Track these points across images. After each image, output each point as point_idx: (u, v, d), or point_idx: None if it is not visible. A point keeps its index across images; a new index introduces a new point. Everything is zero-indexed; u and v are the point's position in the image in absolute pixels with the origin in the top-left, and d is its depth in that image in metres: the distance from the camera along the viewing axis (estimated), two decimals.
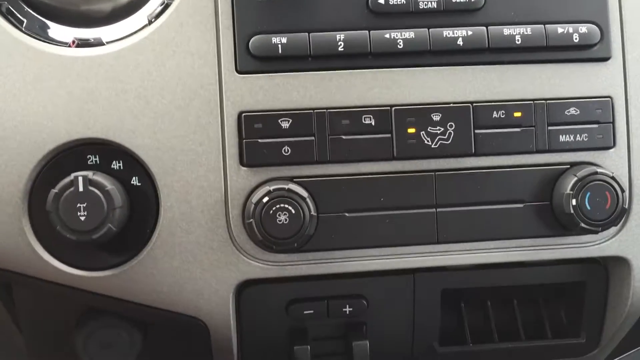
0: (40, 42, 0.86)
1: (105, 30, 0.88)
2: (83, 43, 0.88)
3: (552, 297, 0.98)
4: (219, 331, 0.88)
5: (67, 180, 0.81)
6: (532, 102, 0.88)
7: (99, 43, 0.87)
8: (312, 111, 0.85)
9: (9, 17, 0.87)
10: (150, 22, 0.87)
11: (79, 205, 0.80)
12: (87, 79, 0.84)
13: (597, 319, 0.96)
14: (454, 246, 0.88)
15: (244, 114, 0.85)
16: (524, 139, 0.87)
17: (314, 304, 0.90)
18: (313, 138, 0.85)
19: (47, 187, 0.82)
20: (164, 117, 0.84)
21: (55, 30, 0.89)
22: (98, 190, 0.80)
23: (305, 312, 0.90)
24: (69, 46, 0.87)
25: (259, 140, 0.85)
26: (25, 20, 0.87)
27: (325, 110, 0.85)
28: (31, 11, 0.88)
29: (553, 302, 0.98)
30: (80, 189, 0.80)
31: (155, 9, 0.88)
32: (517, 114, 0.87)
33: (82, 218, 0.80)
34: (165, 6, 0.87)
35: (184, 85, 0.85)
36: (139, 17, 0.88)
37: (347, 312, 0.90)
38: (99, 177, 0.81)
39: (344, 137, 0.85)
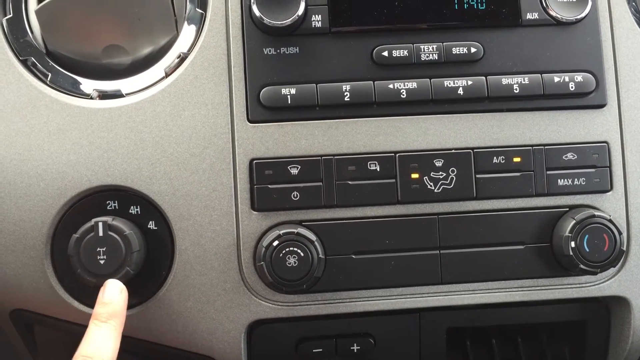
0: (64, 94, 0.91)
1: (124, 83, 0.93)
2: (104, 95, 0.93)
3: (555, 335, 1.00)
4: None
5: (87, 225, 0.85)
6: (530, 147, 0.91)
7: (118, 95, 0.92)
8: (319, 158, 0.89)
9: (35, 70, 0.93)
10: (167, 75, 0.92)
11: (98, 249, 0.84)
12: (108, 129, 0.89)
13: (599, 356, 0.98)
14: (458, 286, 0.91)
15: (255, 161, 0.89)
16: (523, 183, 0.91)
17: (323, 343, 0.93)
18: (321, 183, 0.89)
19: (69, 231, 0.87)
20: (179, 164, 0.89)
21: (78, 83, 0.94)
22: (117, 235, 0.85)
23: (314, 350, 0.93)
24: (91, 98, 0.92)
25: (269, 186, 0.89)
26: (49, 74, 0.92)
27: (332, 157, 0.89)
28: (55, 65, 0.93)
29: (556, 340, 1.01)
30: (100, 233, 0.84)
31: (172, 62, 0.93)
32: (517, 159, 0.91)
33: (102, 262, 0.84)
34: (181, 60, 0.92)
35: (199, 134, 0.89)
36: (157, 70, 0.93)
37: (355, 351, 0.93)
38: (118, 223, 0.85)
39: (350, 182, 0.89)
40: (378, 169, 0.90)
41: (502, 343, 1.00)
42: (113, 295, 0.82)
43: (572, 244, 0.87)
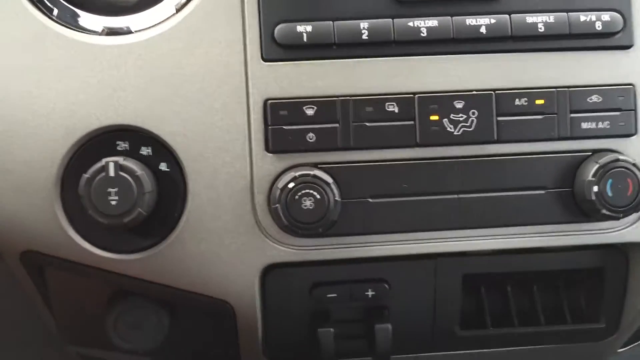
0: (71, 30, 0.88)
1: (133, 19, 0.89)
2: (112, 31, 0.89)
3: (571, 282, 0.99)
4: (245, 313, 0.90)
5: (98, 165, 0.83)
6: (554, 89, 0.88)
7: (127, 31, 0.89)
8: (336, 99, 0.86)
9: (40, 5, 0.89)
10: (177, 11, 0.88)
11: (110, 190, 0.82)
12: (117, 67, 0.86)
13: (616, 304, 0.97)
14: (476, 232, 0.89)
15: (269, 101, 0.86)
16: (546, 126, 0.88)
17: (337, 288, 0.92)
18: (337, 125, 0.86)
19: (79, 172, 0.84)
20: (191, 104, 0.86)
21: (85, 18, 0.90)
22: (128, 176, 0.82)
23: (328, 295, 0.92)
24: (99, 34, 0.89)
25: (284, 127, 0.86)
26: (55, 9, 0.89)
27: (349, 98, 0.87)
28: (61, 0, 0.90)
29: (573, 287, 0.99)
30: (112, 174, 0.82)
31: None
32: (540, 102, 0.88)
33: (113, 202, 0.82)
34: None
35: (211, 73, 0.86)
36: (167, 6, 0.89)
37: (370, 296, 0.92)
38: (129, 163, 0.83)
39: (367, 124, 0.87)
40: (396, 111, 0.87)
41: (517, 290, 0.99)
42: None
43: (595, 188, 0.85)
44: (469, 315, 0.98)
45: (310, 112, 0.86)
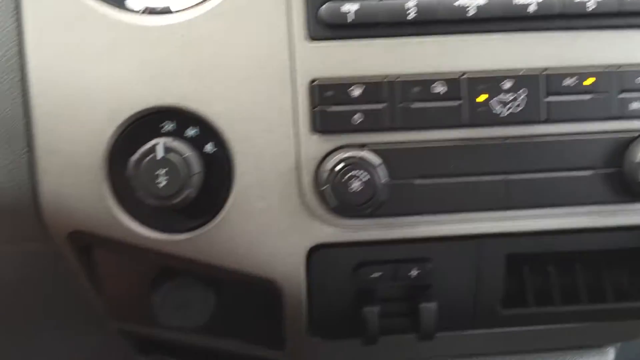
0: (111, 9, 0.87)
1: None
2: (152, 11, 0.88)
3: (614, 260, 0.99)
4: (291, 292, 0.91)
5: (146, 147, 0.83)
6: (604, 68, 0.87)
7: (167, 11, 0.88)
8: (382, 79, 0.86)
9: None
10: None
11: (159, 171, 0.82)
12: (159, 47, 0.85)
13: None
14: (522, 212, 0.89)
15: (315, 82, 0.85)
16: (595, 106, 0.87)
17: (382, 267, 0.92)
18: (384, 105, 0.86)
19: (126, 153, 0.84)
20: (236, 85, 0.85)
21: None
22: (177, 157, 0.82)
23: (372, 275, 0.92)
24: (140, 14, 0.88)
25: (331, 108, 0.86)
26: None
27: (396, 78, 0.86)
28: None
29: (615, 266, 0.99)
30: (160, 155, 0.82)
31: None
32: (589, 81, 0.87)
33: (162, 184, 0.82)
34: None
35: (256, 53, 0.85)
36: None
37: (414, 275, 0.92)
38: (177, 144, 0.83)
39: (414, 104, 0.86)
40: (443, 91, 0.86)
41: (559, 268, 0.99)
42: None
43: None
44: (510, 292, 0.98)
45: (356, 92, 0.86)
